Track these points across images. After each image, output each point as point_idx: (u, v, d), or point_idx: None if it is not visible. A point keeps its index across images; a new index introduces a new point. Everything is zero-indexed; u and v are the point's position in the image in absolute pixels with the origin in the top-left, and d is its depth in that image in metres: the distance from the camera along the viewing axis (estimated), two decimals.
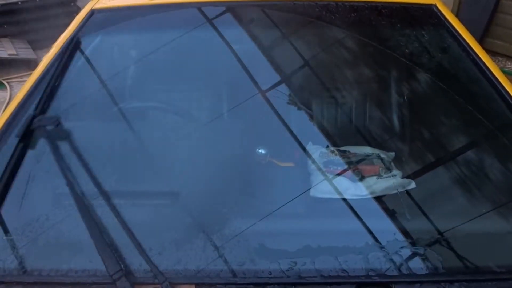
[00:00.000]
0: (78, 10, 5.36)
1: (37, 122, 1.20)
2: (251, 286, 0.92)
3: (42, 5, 5.25)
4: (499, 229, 1.11)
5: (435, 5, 1.66)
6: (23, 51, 4.95)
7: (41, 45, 5.28)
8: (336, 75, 1.65)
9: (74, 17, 1.69)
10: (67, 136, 1.19)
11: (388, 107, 1.56)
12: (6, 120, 1.27)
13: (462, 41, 1.49)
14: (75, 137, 1.20)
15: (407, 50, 1.52)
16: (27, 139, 1.20)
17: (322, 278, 0.92)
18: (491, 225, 1.11)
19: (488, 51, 4.86)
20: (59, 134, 1.18)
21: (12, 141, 1.18)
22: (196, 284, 0.92)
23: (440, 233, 1.06)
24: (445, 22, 1.58)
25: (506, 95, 1.29)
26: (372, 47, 1.56)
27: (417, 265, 0.99)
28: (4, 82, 4.57)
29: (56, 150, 1.16)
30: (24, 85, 1.41)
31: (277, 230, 1.08)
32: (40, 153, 1.21)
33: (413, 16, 1.68)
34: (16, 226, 1.06)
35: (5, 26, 5.12)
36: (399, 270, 0.96)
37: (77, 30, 1.59)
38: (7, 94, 4.37)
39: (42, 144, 1.20)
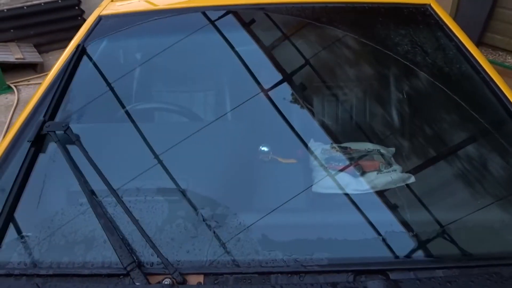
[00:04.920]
0: (82, 13, 5.43)
1: (47, 128, 1.25)
2: (256, 275, 0.96)
3: (47, 9, 5.31)
4: (493, 219, 1.15)
5: (429, 5, 1.70)
6: (29, 55, 5.01)
7: (47, 48, 5.36)
8: (335, 74, 1.69)
9: (78, 20, 1.75)
10: (78, 139, 1.24)
11: (387, 105, 1.60)
12: (21, 125, 1.32)
13: (456, 40, 1.53)
14: (87, 140, 1.25)
15: (403, 50, 1.55)
16: (39, 143, 1.25)
17: (322, 267, 0.97)
18: (486, 216, 1.15)
19: (488, 45, 4.90)
20: (70, 138, 1.23)
21: (27, 145, 1.23)
22: (205, 274, 0.97)
23: (438, 223, 1.10)
24: (440, 21, 1.62)
25: (498, 92, 1.33)
26: (369, 46, 1.60)
27: (414, 253, 1.03)
28: (12, 85, 4.64)
29: (69, 153, 1.21)
30: (36, 90, 1.47)
31: (281, 224, 1.12)
32: (54, 155, 1.26)
33: (408, 16, 1.71)
34: (34, 224, 1.12)
35: (12, 30, 5.19)
36: (396, 258, 1.02)
37: (85, 36, 1.65)
38: (15, 97, 4.44)
39: (55, 147, 1.24)
